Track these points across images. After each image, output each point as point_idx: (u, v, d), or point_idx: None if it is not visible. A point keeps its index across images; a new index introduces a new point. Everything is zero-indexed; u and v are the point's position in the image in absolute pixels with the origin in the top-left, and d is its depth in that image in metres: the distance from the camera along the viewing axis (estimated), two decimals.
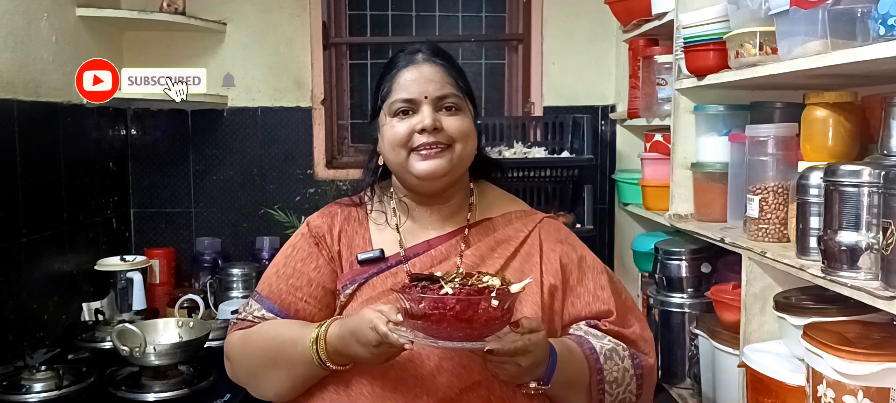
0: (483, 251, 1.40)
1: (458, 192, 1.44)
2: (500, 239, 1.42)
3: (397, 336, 1.13)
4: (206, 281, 2.84)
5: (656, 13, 2.30)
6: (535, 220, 1.46)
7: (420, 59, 1.38)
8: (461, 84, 1.39)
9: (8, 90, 2.19)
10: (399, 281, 1.30)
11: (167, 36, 3.00)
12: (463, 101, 1.38)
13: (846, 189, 1.32)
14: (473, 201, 1.47)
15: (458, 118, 1.36)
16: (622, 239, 2.94)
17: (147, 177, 3.07)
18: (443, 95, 1.35)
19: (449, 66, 1.39)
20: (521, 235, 1.43)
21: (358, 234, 1.44)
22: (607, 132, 3.09)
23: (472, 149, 1.39)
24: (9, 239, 2.18)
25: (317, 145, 3.10)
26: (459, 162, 1.37)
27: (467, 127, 1.37)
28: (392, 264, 1.39)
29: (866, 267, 1.28)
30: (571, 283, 1.42)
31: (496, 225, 1.45)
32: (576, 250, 1.45)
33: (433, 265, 1.38)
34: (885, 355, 1.28)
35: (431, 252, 1.40)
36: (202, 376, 2.03)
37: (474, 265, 1.37)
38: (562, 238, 1.45)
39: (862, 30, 1.30)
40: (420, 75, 1.36)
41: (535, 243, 1.42)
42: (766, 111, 1.90)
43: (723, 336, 1.87)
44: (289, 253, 1.45)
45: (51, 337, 2.34)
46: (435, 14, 3.23)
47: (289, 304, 1.40)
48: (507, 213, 1.47)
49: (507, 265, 1.39)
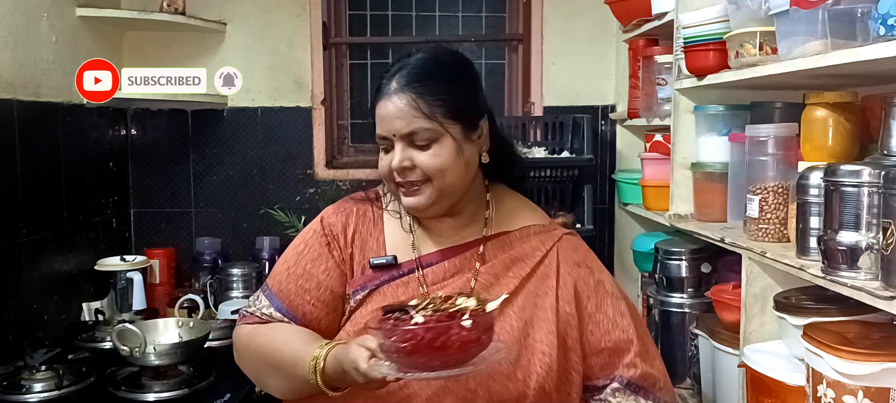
0: (498, 268, 1.35)
1: (468, 204, 1.38)
2: (516, 257, 1.36)
3: (380, 372, 1.09)
4: (206, 281, 2.84)
5: (656, 13, 2.30)
6: (554, 238, 1.38)
7: (391, 90, 1.28)
8: (438, 110, 1.26)
9: (8, 90, 2.19)
10: (410, 291, 1.30)
11: (167, 36, 3.00)
12: (439, 130, 1.27)
13: (846, 189, 1.32)
14: (490, 214, 1.40)
15: (431, 153, 1.27)
16: (622, 239, 2.94)
17: (147, 177, 3.07)
18: (410, 132, 1.26)
19: (422, 93, 1.26)
20: (539, 254, 1.36)
21: (372, 236, 1.39)
22: (607, 132, 3.09)
23: (454, 179, 1.29)
24: (9, 239, 2.18)
25: (317, 145, 3.10)
26: (442, 194, 1.30)
27: (442, 160, 1.27)
28: (405, 272, 1.35)
29: (866, 267, 1.28)
30: (589, 310, 1.35)
31: (513, 241, 1.38)
32: (593, 274, 1.37)
33: (446, 278, 1.34)
34: (885, 355, 1.28)
35: (445, 264, 1.35)
36: (202, 376, 2.03)
37: (488, 283, 1.33)
38: (580, 259, 1.38)
39: (862, 30, 1.30)
40: (388, 112, 1.27)
41: (552, 264, 1.35)
42: (766, 111, 1.90)
43: (723, 336, 1.87)
44: (300, 250, 1.40)
45: (51, 337, 2.34)
46: (435, 14, 3.23)
47: (297, 306, 1.37)
48: (526, 228, 1.39)
49: (522, 286, 1.33)
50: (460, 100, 1.30)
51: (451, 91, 1.29)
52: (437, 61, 1.33)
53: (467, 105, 1.31)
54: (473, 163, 1.33)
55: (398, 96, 1.27)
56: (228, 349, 2.28)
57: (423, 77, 1.29)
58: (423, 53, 1.34)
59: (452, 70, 1.34)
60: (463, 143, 1.30)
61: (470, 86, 1.35)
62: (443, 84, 1.29)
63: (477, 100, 1.35)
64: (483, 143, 1.34)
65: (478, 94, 1.37)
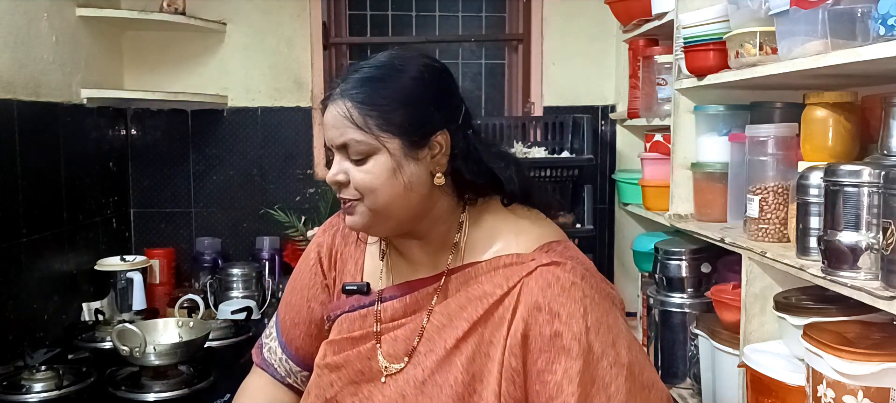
0: (452, 309, 1.14)
1: (436, 226, 1.18)
2: (474, 296, 1.13)
3: None
4: (206, 281, 2.84)
5: (656, 13, 2.30)
6: (522, 272, 1.11)
7: (335, 95, 1.13)
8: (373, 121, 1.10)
9: (8, 90, 2.19)
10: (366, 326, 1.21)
11: (167, 36, 3.00)
12: (374, 144, 1.10)
13: (846, 189, 1.32)
14: (460, 239, 1.18)
15: (364, 168, 1.11)
16: (622, 239, 2.94)
17: (147, 177, 3.07)
18: (343, 143, 1.11)
19: (360, 102, 1.10)
20: (499, 292, 1.11)
21: (352, 258, 1.29)
22: (607, 132, 3.09)
23: (387, 201, 1.11)
24: (9, 239, 2.18)
25: (317, 145, 3.10)
26: (378, 217, 1.13)
27: (372, 178, 1.10)
28: (367, 304, 1.23)
29: (866, 267, 1.28)
30: (539, 367, 1.07)
31: (479, 274, 1.15)
32: (554, 322, 1.07)
33: (405, 314, 1.19)
34: (885, 355, 1.28)
35: (405, 298, 1.20)
36: (202, 376, 2.03)
37: (441, 325, 1.14)
38: (544, 302, 1.08)
39: (862, 30, 1.30)
40: (326, 119, 1.14)
41: (511, 305, 1.10)
42: (766, 111, 1.90)
43: (723, 336, 1.87)
44: (296, 278, 1.35)
45: (51, 337, 2.34)
46: (435, 14, 3.23)
47: (291, 340, 1.34)
48: (496, 259, 1.15)
49: (473, 331, 1.11)
50: (404, 112, 1.11)
51: (393, 101, 1.11)
52: (389, 67, 1.15)
53: (412, 118, 1.11)
54: (419, 184, 1.12)
55: (336, 103, 1.12)
56: (228, 349, 2.32)
57: (365, 83, 1.12)
58: (381, 58, 1.17)
59: (404, 78, 1.13)
60: (404, 161, 1.11)
61: (422, 97, 1.13)
62: (384, 92, 1.11)
63: (430, 113, 1.13)
64: (438, 162, 1.14)
65: (434, 106, 1.14)
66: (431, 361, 1.12)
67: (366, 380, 1.18)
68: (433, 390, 1.11)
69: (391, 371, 1.16)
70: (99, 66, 2.77)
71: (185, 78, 3.03)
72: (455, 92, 1.19)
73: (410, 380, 1.14)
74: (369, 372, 1.18)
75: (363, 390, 1.18)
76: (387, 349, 1.18)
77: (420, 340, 1.15)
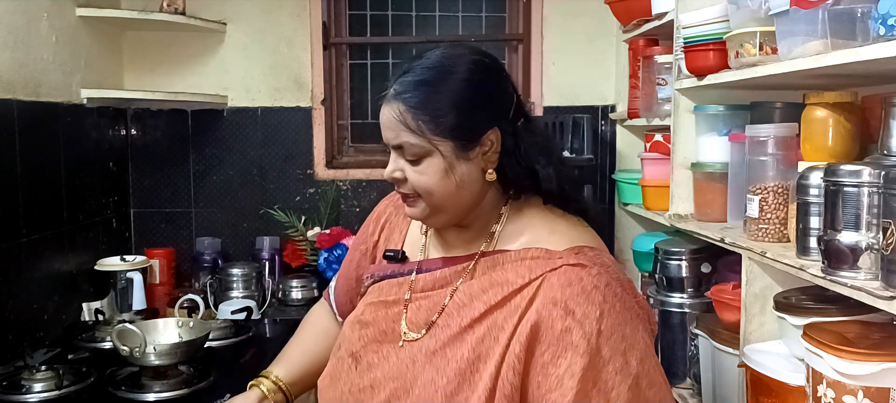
0: (475, 290, 1.19)
1: (480, 217, 1.24)
2: (496, 281, 1.17)
3: None
4: (206, 281, 2.84)
5: (656, 13, 2.30)
6: (547, 267, 1.14)
7: (389, 96, 1.18)
8: (426, 126, 1.14)
9: (8, 90, 2.19)
10: (400, 293, 1.27)
11: (167, 36, 3.00)
12: (427, 147, 1.15)
13: (846, 189, 1.32)
14: (498, 229, 1.24)
15: (419, 169, 1.16)
16: (622, 239, 2.94)
17: (147, 177, 3.07)
18: (399, 144, 1.17)
19: (413, 106, 1.14)
20: (520, 282, 1.15)
21: (397, 229, 1.38)
22: (607, 132, 3.09)
23: (443, 199, 1.18)
24: (9, 239, 2.18)
25: (317, 145, 3.11)
26: (436, 211, 1.20)
27: (428, 179, 1.16)
28: (404, 272, 1.30)
29: (866, 267, 1.28)
30: (544, 360, 1.09)
31: (506, 262, 1.20)
32: (567, 318, 1.09)
33: (434, 287, 1.25)
34: (885, 355, 1.28)
35: (436, 273, 1.26)
36: (202, 376, 2.03)
37: (461, 304, 1.19)
38: (561, 298, 1.10)
39: (862, 30, 1.30)
40: (382, 119, 1.19)
41: (528, 296, 1.13)
42: (766, 111, 1.90)
43: (723, 336, 1.87)
44: (352, 245, 1.48)
45: (51, 337, 2.34)
46: (435, 14, 3.23)
47: (341, 304, 1.50)
48: (525, 250, 1.19)
49: (488, 314, 1.15)
50: (455, 115, 1.14)
51: (445, 104, 1.14)
52: (440, 69, 1.17)
53: (463, 120, 1.15)
54: (470, 182, 1.18)
55: (390, 105, 1.17)
56: (228, 349, 2.31)
57: (417, 86, 1.16)
58: (432, 56, 1.20)
59: (454, 80, 1.16)
60: (456, 161, 1.16)
61: (472, 98, 1.17)
62: (436, 96, 1.15)
63: (480, 115, 1.17)
64: (489, 159, 1.18)
65: (484, 106, 1.18)
66: (445, 335, 1.18)
67: (387, 341, 1.25)
68: (440, 361, 1.16)
69: (409, 338, 1.22)
70: (99, 66, 2.77)
71: (185, 78, 3.03)
72: (505, 87, 1.22)
73: (423, 349, 1.19)
74: (392, 334, 1.25)
75: (383, 349, 1.24)
76: (411, 316, 1.25)
77: (440, 315, 1.20)
